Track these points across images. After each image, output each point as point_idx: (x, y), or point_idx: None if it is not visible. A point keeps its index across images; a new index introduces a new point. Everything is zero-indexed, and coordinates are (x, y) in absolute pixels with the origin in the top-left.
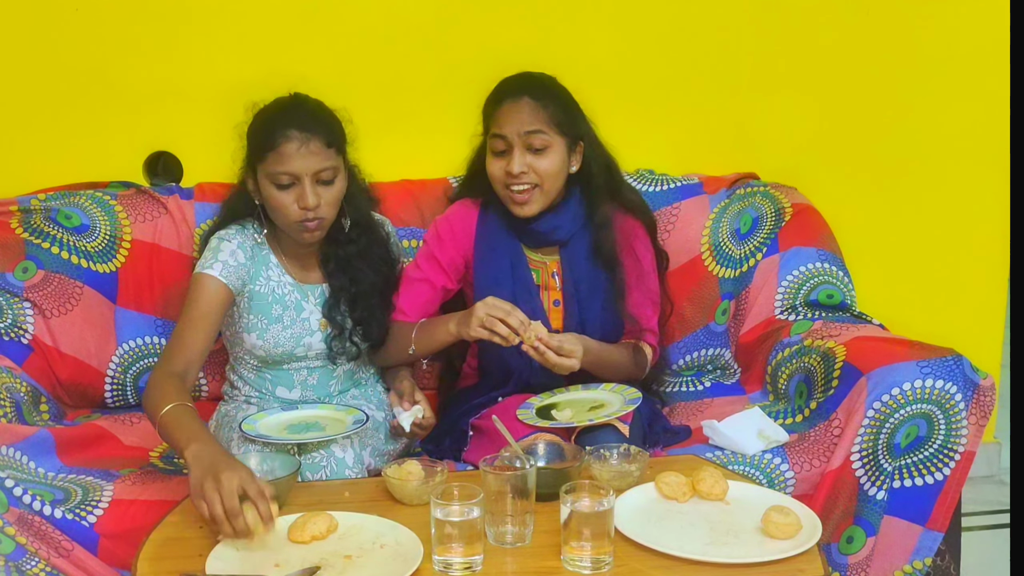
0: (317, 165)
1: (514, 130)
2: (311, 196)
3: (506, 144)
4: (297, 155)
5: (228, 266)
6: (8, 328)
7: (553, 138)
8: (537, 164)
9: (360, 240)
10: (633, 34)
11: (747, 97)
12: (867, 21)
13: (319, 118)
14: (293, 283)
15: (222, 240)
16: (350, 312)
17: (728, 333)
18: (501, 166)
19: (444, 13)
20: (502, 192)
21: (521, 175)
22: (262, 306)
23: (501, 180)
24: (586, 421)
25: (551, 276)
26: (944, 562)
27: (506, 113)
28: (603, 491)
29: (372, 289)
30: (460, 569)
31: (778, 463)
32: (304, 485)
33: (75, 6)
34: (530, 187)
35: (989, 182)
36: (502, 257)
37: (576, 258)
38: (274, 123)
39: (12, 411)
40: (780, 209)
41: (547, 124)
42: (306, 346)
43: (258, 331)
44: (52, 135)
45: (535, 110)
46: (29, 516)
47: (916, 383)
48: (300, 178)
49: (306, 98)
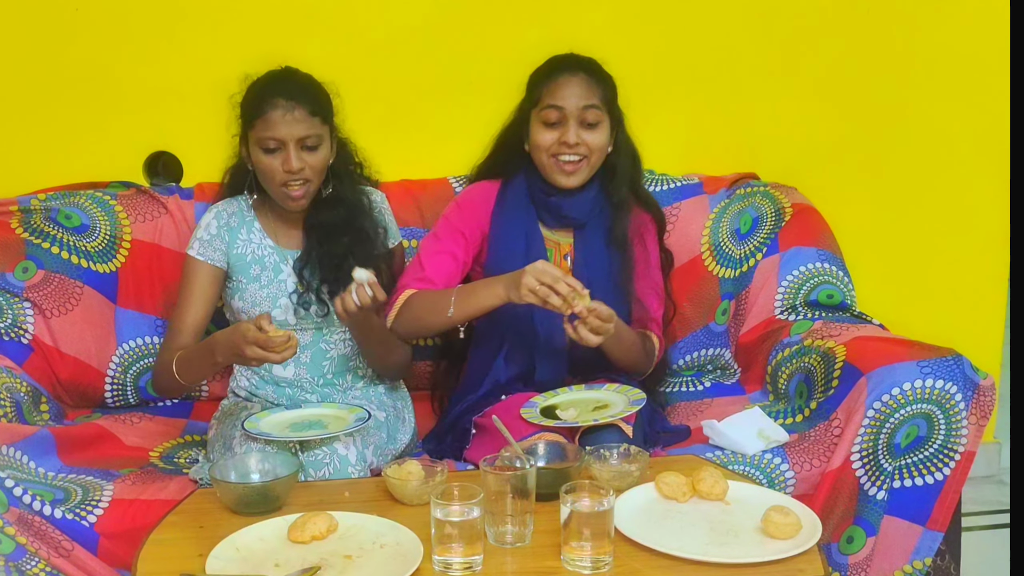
0: (301, 132)
1: (572, 103)
2: (295, 160)
3: (560, 115)
4: (283, 121)
5: (203, 242)
6: (8, 328)
7: (603, 115)
8: (589, 138)
9: (336, 207)
10: (633, 34)
11: (747, 97)
12: (867, 21)
13: (304, 88)
14: (273, 246)
15: (205, 215)
16: (319, 271)
17: (728, 333)
18: (553, 136)
19: (444, 13)
20: (547, 162)
21: (576, 146)
22: (241, 267)
23: (550, 150)
24: (591, 421)
25: (563, 258)
26: (944, 562)
27: (564, 85)
28: (603, 491)
29: (343, 251)
30: (460, 569)
31: (778, 463)
32: (304, 485)
33: (75, 6)
34: (579, 159)
35: (989, 182)
36: (518, 233)
37: (592, 240)
38: (263, 92)
39: (12, 411)
40: (780, 209)
41: (601, 100)
42: (283, 308)
43: (239, 292)
44: (52, 135)
45: (591, 85)
46: (29, 516)
47: (916, 383)
48: (285, 143)
49: (294, 70)
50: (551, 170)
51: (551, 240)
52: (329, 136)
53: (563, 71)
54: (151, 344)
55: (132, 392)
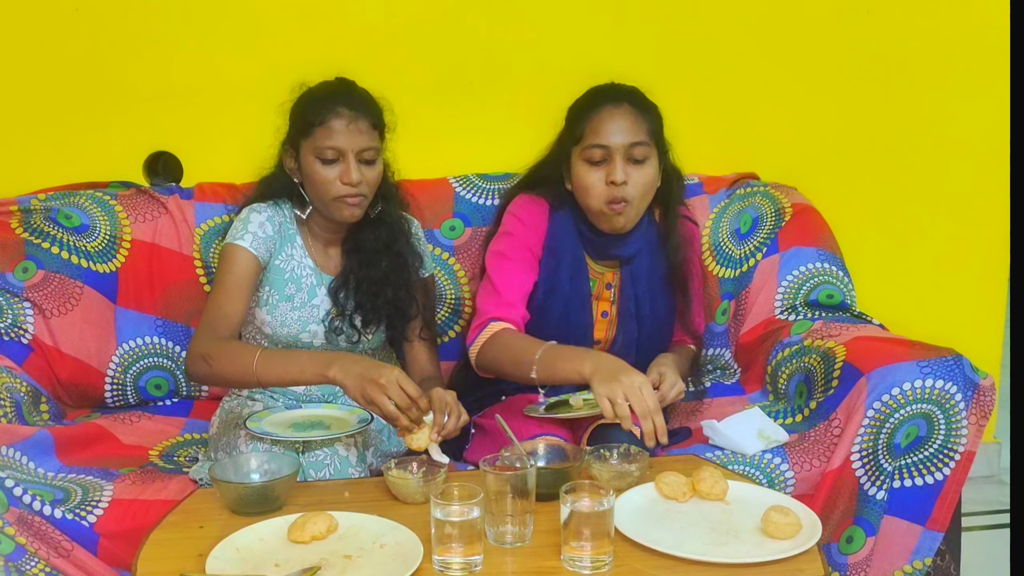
0: (362, 143)
1: (618, 140)
2: (355, 172)
3: (605, 154)
4: (345, 131)
5: (257, 237)
6: (8, 328)
7: (652, 150)
8: (637, 175)
9: (380, 229)
10: (633, 34)
11: (747, 97)
12: (867, 21)
13: (366, 100)
14: (312, 267)
15: (252, 211)
16: (354, 295)
17: (728, 333)
18: (600, 177)
19: (444, 13)
20: (597, 206)
21: (623, 185)
22: (278, 282)
23: (600, 194)
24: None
25: (605, 287)
26: (944, 562)
27: (608, 121)
28: (603, 491)
29: (380, 276)
30: (460, 569)
31: (778, 463)
32: (304, 485)
33: (75, 6)
34: (626, 202)
35: (989, 182)
36: (565, 262)
37: (640, 276)
38: (324, 100)
39: (12, 411)
40: (780, 209)
41: (648, 133)
42: (311, 333)
43: (268, 306)
44: (52, 135)
45: (637, 120)
46: (29, 516)
47: (916, 383)
48: (345, 154)
49: (353, 83)
50: (598, 217)
51: (595, 271)
52: (382, 153)
53: (606, 103)
54: (151, 344)
55: (132, 392)
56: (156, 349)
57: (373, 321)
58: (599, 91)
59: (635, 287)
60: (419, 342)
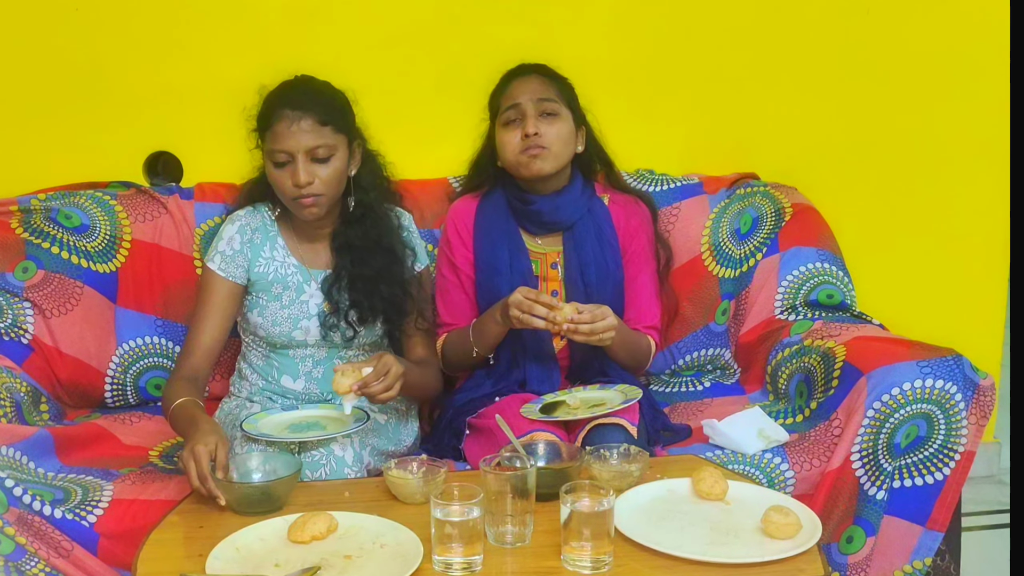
0: (310, 143)
1: (527, 97)
2: (303, 173)
3: (518, 113)
4: (288, 133)
5: (225, 257)
6: (8, 328)
7: (562, 108)
8: (548, 129)
9: (364, 222)
10: (633, 34)
11: (747, 97)
12: (867, 21)
13: (313, 97)
14: (297, 265)
15: (228, 222)
16: (348, 292)
17: (728, 333)
18: (515, 134)
19: (444, 13)
20: (514, 158)
21: (535, 135)
22: (262, 285)
23: (515, 147)
24: (588, 414)
25: (550, 267)
26: (944, 562)
27: (518, 86)
28: (603, 491)
29: (373, 273)
30: (460, 569)
31: (778, 463)
32: (304, 485)
33: (75, 6)
34: (541, 148)
35: (989, 182)
36: (500, 247)
37: (584, 241)
38: (271, 103)
39: (12, 411)
40: (780, 209)
41: (557, 94)
42: (304, 329)
43: (259, 308)
44: (52, 135)
45: (545, 82)
46: (29, 516)
47: (916, 383)
48: (294, 155)
49: (306, 79)
50: (518, 165)
51: (536, 252)
52: (347, 146)
53: (516, 76)
54: (151, 344)
55: (132, 392)
56: (156, 349)
57: (369, 318)
58: (510, 70)
59: (579, 254)
60: (415, 333)
